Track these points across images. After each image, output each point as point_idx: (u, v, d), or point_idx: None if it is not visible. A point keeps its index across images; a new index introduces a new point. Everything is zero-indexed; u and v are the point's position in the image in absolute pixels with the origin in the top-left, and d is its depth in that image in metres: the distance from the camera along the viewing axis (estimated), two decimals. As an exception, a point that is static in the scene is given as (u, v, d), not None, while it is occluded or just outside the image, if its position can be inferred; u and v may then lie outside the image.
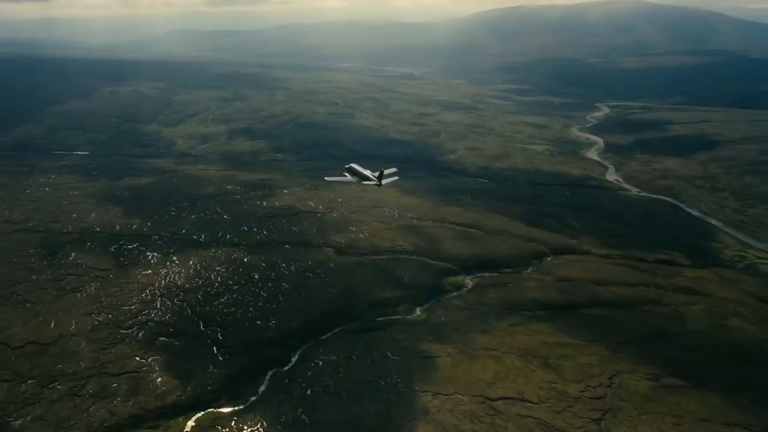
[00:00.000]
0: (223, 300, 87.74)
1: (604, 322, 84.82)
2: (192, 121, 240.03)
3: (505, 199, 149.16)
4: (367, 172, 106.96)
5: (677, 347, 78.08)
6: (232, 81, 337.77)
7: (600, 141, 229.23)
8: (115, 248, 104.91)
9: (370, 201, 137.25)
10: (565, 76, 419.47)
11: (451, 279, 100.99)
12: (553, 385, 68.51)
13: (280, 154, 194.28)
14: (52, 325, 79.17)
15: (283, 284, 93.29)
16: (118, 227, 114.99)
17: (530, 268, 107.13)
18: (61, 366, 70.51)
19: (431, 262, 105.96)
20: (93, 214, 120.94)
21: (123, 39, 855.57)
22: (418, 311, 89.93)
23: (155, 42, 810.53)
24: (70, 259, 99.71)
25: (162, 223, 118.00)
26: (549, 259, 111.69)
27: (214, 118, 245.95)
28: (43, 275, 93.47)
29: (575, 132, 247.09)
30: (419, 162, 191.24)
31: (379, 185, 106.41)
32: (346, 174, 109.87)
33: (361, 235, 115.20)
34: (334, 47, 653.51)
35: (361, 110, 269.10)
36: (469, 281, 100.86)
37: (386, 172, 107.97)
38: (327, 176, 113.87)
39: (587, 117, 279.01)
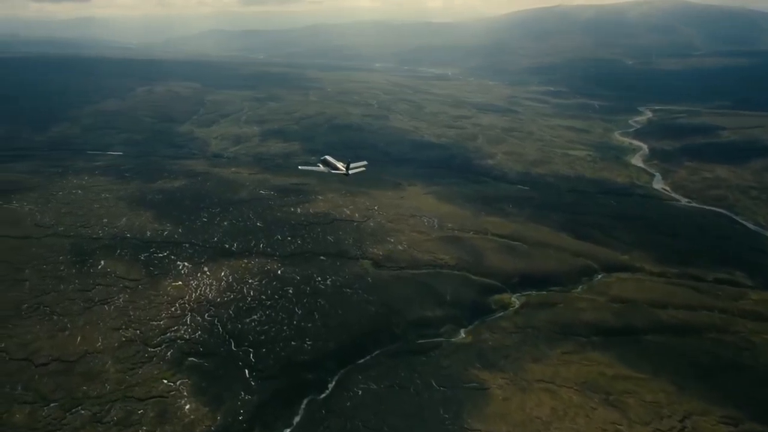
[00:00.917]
0: (255, 317, 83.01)
1: (666, 352, 77.61)
2: (225, 122, 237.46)
3: (548, 208, 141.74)
4: (338, 164, 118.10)
5: (753, 383, 70.59)
6: (265, 81, 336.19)
7: (644, 146, 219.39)
8: (145, 256, 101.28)
9: (408, 209, 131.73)
10: (602, 78, 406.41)
11: (496, 297, 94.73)
12: (618, 427, 61.84)
13: (313, 157, 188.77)
14: (78, 340, 75.39)
15: (319, 300, 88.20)
16: (148, 233, 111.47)
17: (580, 287, 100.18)
18: (85, 388, 66.40)
19: (474, 277, 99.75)
20: (124, 219, 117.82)
21: (158, 38, 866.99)
22: (462, 333, 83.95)
23: (189, 41, 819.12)
24: (99, 267, 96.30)
25: (193, 230, 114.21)
26: (599, 276, 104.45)
27: (248, 118, 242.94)
28: (71, 284, 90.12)
29: (617, 137, 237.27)
30: (456, 167, 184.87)
31: (347, 175, 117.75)
32: (320, 165, 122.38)
33: (400, 247, 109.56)
34: (366, 47, 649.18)
35: (395, 112, 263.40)
36: (515, 300, 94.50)
37: (355, 164, 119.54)
38: (300, 165, 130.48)
39: (629, 121, 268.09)
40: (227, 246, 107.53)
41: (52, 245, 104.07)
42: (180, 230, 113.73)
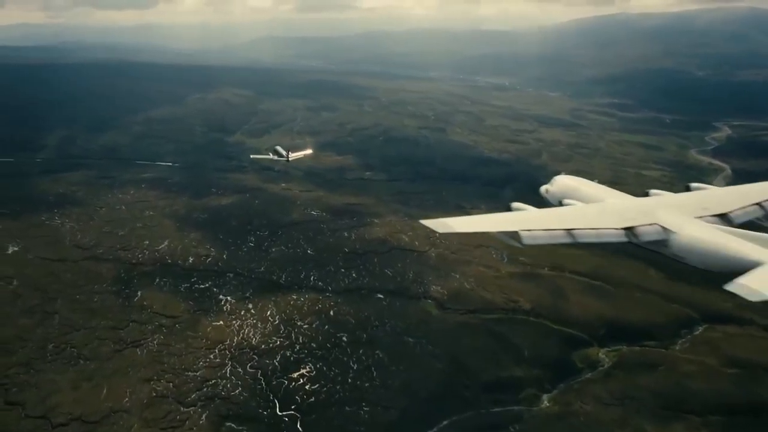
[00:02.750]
0: (304, 371, 71.90)
1: (812, 444, 62.37)
2: (277, 132, 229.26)
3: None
4: (283, 152, 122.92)
5: None
6: (318, 89, 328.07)
7: (726, 167, 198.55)
8: (185, 287, 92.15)
9: (473, 238, 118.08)
10: (671, 90, 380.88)
11: (582, 352, 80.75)
12: None
13: (368, 173, 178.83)
14: (104, 393, 65.96)
15: (377, 352, 76.39)
16: (191, 259, 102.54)
17: (679, 341, 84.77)
18: (105, 461, 56.70)
19: (555, 327, 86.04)
20: (166, 242, 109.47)
21: (215, 44, 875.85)
22: (545, 400, 70.48)
23: (245, 47, 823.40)
24: (136, 299, 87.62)
25: (239, 257, 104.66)
26: (701, 328, 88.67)
27: (300, 129, 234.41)
28: (104, 320, 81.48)
29: (694, 155, 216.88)
30: (521, 187, 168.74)
31: (288, 161, 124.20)
32: (270, 153, 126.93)
33: (467, 285, 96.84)
34: (421, 54, 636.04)
35: (453, 124, 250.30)
36: (604, 356, 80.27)
37: (296, 153, 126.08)
38: (252, 155, 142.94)
39: (705, 138, 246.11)
40: (275, 277, 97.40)
41: (88, 270, 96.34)
42: (225, 256, 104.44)
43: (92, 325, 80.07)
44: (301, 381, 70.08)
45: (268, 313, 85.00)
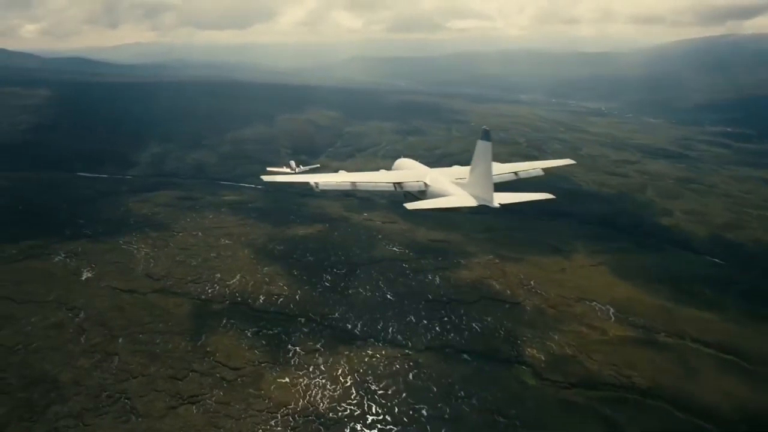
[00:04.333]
0: (376, 452, 61.63)
1: None
2: (362, 156, 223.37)
3: (763, 298, 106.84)
4: (294, 166, 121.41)
5: None
6: (406, 111, 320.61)
7: None
8: (252, 332, 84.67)
9: (573, 289, 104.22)
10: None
11: (717, 454, 65.48)
12: None
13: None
14: (151, 462, 58.59)
15: (462, 434, 64.85)
16: (261, 299, 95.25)
17: None
18: None
19: (679, 414, 70.82)
20: (238, 276, 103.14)
21: (309, 64, 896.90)
22: None
23: (337, 67, 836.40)
24: (199, 344, 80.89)
25: (312, 300, 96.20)
26: None
27: (385, 153, 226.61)
28: (163, 367, 75.08)
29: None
30: (624, 226, 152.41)
31: (295, 173, 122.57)
32: (285, 167, 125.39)
33: (568, 350, 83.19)
34: (512, 76, 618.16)
35: (546, 152, 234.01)
36: (747, 462, 64.65)
37: (308, 167, 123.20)
38: (268, 168, 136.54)
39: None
40: (349, 326, 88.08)
41: (154, 306, 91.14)
42: (297, 297, 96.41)
43: (150, 372, 73.76)
44: (372, 467, 59.78)
45: (340, 371, 75.56)
